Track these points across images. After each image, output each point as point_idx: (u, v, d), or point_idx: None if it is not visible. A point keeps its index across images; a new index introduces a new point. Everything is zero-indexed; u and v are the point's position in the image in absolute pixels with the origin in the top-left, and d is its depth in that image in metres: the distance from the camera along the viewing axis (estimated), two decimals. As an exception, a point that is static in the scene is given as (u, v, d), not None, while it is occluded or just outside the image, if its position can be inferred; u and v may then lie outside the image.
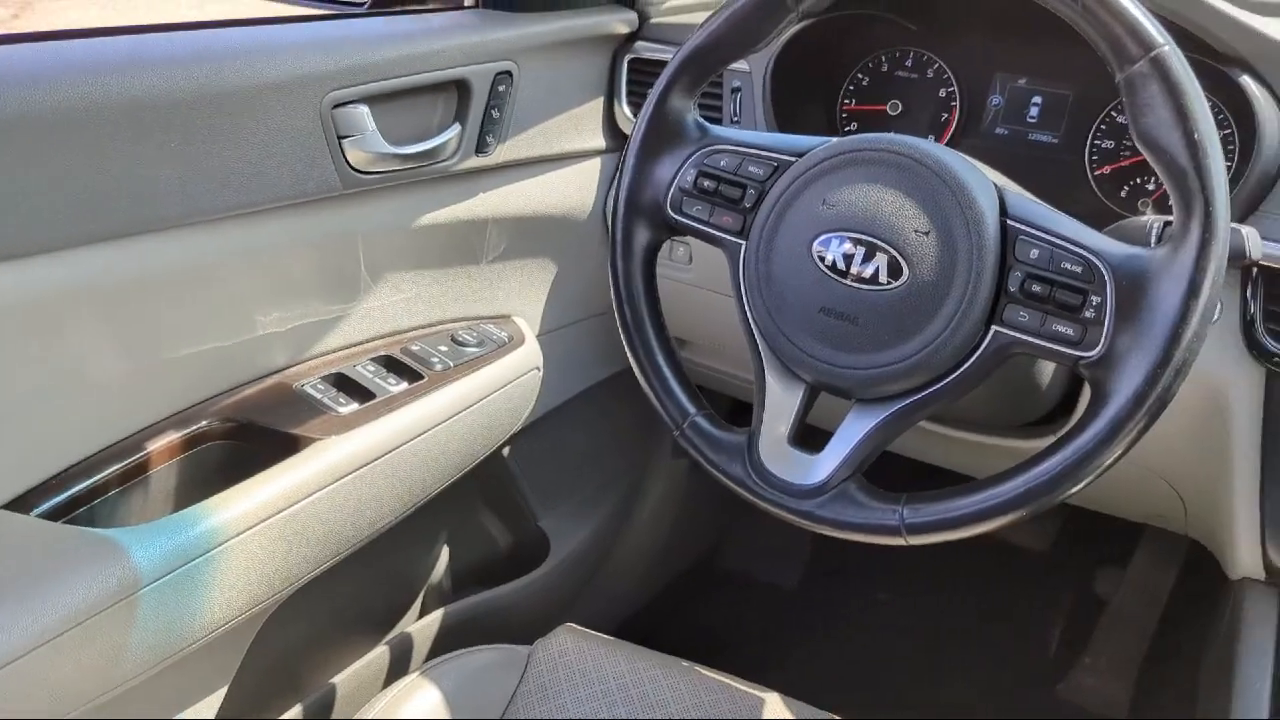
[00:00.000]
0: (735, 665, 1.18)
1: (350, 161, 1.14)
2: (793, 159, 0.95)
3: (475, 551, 1.61)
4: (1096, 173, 1.25)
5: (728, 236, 0.97)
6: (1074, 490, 0.82)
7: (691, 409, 0.99)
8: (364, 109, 1.13)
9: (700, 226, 0.99)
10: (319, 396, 1.15)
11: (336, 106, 1.11)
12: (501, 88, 1.29)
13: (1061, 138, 1.28)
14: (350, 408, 1.15)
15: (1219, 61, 1.09)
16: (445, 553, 1.55)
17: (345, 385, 1.19)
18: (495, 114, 1.30)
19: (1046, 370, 1.09)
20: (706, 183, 0.99)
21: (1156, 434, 1.19)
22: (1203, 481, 1.17)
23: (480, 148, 1.29)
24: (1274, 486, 1.07)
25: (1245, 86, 1.06)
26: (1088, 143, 1.26)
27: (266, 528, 1.02)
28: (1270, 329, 1.06)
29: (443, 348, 1.29)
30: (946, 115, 1.35)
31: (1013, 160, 1.31)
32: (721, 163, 0.99)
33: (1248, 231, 0.91)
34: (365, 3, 1.35)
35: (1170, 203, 0.80)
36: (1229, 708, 1.10)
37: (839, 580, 2.08)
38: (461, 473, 1.30)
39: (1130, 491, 1.38)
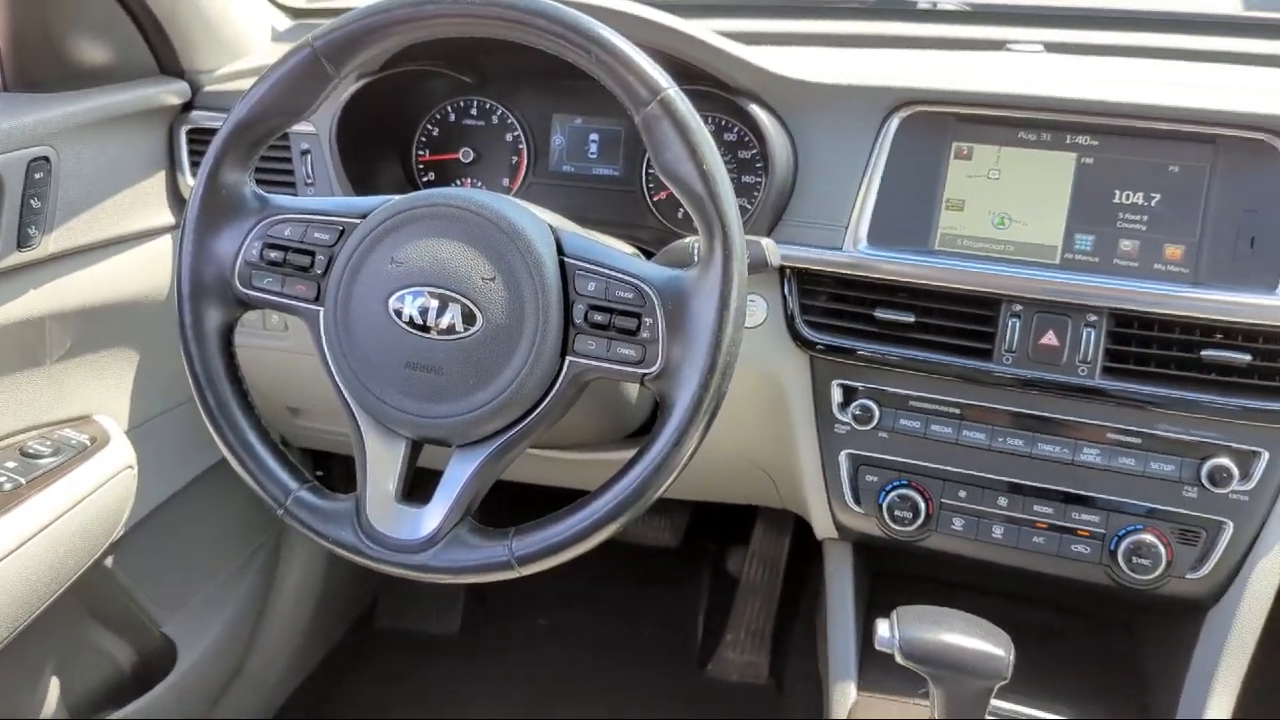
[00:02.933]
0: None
1: None
2: (356, 221, 0.96)
3: (91, 676, 1.47)
4: (655, 199, 1.37)
5: (303, 305, 0.97)
6: (660, 492, 0.91)
7: (293, 484, 0.97)
8: None
9: (273, 298, 0.98)
10: None
11: None
12: (39, 175, 1.19)
13: (621, 169, 1.39)
14: (-103, 553, 1.01)
15: (732, 93, 1.24)
16: (55, 685, 1.40)
17: (-112, 528, 1.05)
18: (35, 204, 1.19)
19: (632, 386, 1.18)
20: (273, 254, 0.97)
21: (739, 425, 1.34)
22: (782, 460, 1.31)
23: (23, 242, 1.18)
24: (830, 456, 1.23)
25: (754, 114, 1.21)
26: (643, 172, 1.37)
27: None
28: (807, 321, 1.22)
29: (10, 464, 1.17)
30: (516, 158, 1.42)
31: (582, 195, 1.41)
32: (286, 232, 0.98)
33: (766, 242, 1.04)
34: None
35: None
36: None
37: (500, 614, 2.11)
38: (55, 595, 1.18)
39: (731, 479, 1.53)
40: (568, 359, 0.92)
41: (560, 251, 0.93)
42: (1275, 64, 1.42)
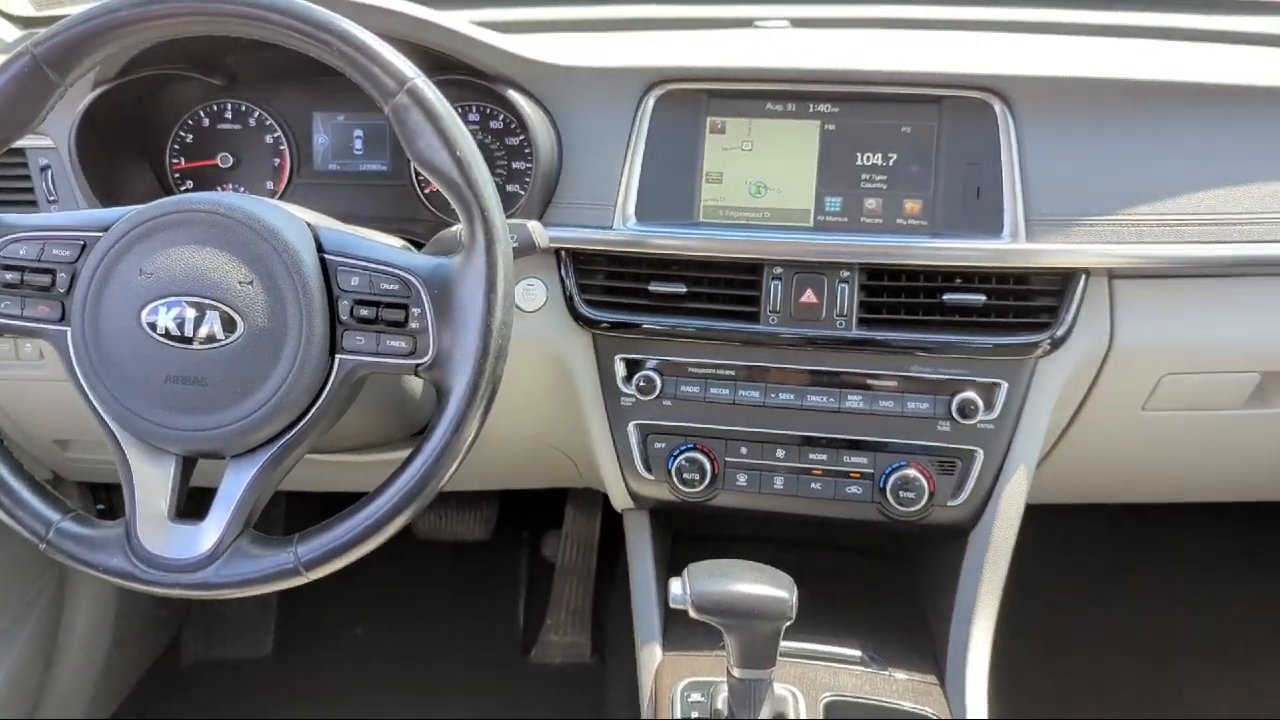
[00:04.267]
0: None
1: None
2: (98, 234, 0.92)
3: None
4: (425, 191, 1.36)
5: (48, 326, 0.93)
6: (445, 480, 0.91)
7: (54, 516, 0.93)
8: None
9: (12, 323, 0.93)
10: None
11: None
12: None
13: (389, 164, 1.38)
14: None
15: (491, 81, 1.25)
16: None
17: None
18: None
19: (416, 381, 1.17)
20: (8, 275, 0.93)
21: (532, 408, 1.36)
22: (576, 438, 1.34)
23: None
24: (619, 429, 1.27)
25: (514, 101, 1.22)
26: (411, 166, 1.36)
27: None
28: (586, 300, 1.24)
29: None
30: (278, 160, 1.39)
31: (351, 192, 1.38)
32: (21, 251, 0.93)
33: (532, 225, 1.06)
34: None
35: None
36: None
37: (315, 629, 2.05)
38: None
39: (531, 463, 1.55)
40: (337, 357, 0.91)
41: (320, 249, 0.92)
42: (995, 29, 1.55)
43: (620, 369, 1.26)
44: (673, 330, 1.23)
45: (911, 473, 1.21)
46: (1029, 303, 1.19)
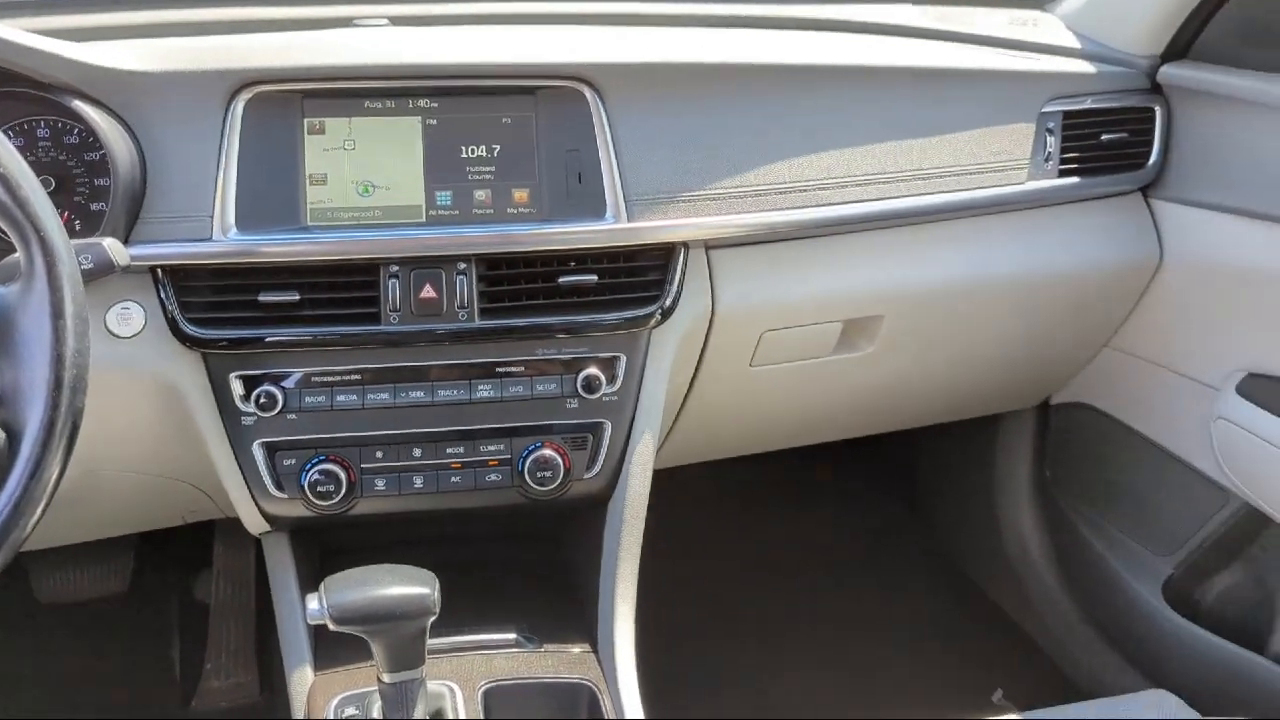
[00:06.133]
0: None
1: None
2: None
3: None
4: None
5: None
6: (27, 533, 0.82)
7: None
8: None
9: None
10: None
11: None
12: None
13: None
14: None
15: (54, 93, 1.13)
16: None
17: None
18: None
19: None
20: None
21: (148, 442, 1.26)
22: (200, 468, 1.24)
23: None
24: (242, 450, 1.20)
25: (81, 112, 1.12)
26: None
27: None
28: (191, 318, 1.16)
29: None
30: None
31: None
32: None
33: (108, 243, 0.98)
34: None
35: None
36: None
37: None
38: None
39: (160, 501, 1.44)
40: None
41: None
42: (590, 22, 1.62)
43: (237, 387, 1.19)
44: (288, 341, 1.18)
45: (547, 452, 1.24)
46: (637, 278, 1.26)
